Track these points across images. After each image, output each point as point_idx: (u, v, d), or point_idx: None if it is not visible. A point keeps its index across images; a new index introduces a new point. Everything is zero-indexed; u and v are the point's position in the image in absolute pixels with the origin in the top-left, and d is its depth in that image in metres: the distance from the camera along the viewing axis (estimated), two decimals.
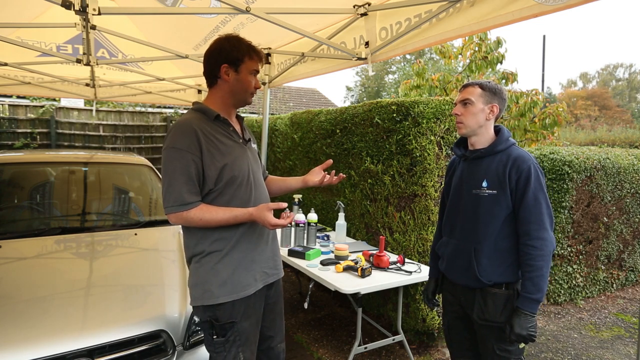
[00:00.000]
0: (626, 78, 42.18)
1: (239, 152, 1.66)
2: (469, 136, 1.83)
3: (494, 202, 1.72)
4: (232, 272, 1.61)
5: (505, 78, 6.17)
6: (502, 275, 1.73)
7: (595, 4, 40.74)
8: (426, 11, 2.29)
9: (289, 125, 4.73)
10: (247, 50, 1.64)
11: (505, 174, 1.70)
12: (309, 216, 3.05)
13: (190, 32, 3.31)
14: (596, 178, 4.19)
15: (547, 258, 1.63)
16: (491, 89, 1.78)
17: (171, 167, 1.53)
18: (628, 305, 4.30)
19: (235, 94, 1.67)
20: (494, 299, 1.73)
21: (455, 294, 1.91)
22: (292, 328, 3.49)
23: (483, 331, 1.79)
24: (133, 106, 8.89)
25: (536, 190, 1.66)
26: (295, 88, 16.67)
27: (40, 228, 2.75)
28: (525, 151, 1.76)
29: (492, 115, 1.78)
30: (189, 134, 1.54)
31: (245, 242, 1.65)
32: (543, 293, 1.63)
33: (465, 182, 1.84)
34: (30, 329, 1.67)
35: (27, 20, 3.26)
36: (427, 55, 28.28)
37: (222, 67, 1.61)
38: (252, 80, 1.67)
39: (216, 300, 1.57)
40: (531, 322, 1.62)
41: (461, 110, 1.80)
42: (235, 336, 1.61)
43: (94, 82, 4.81)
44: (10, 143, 7.33)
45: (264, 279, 1.73)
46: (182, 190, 1.52)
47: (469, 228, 1.80)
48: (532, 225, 1.65)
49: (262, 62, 1.71)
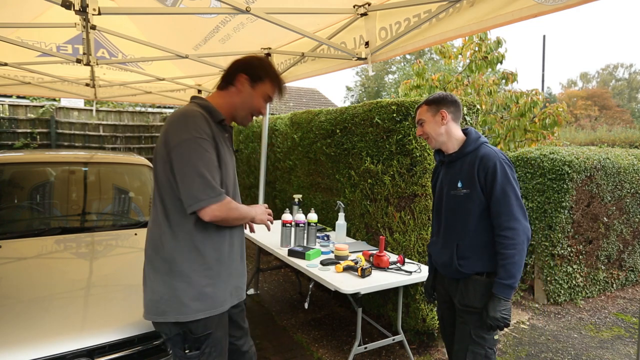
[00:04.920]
0: (626, 78, 42.18)
1: (229, 159, 1.63)
2: (439, 146, 2.00)
3: (468, 200, 1.87)
4: (213, 285, 1.54)
5: (505, 78, 6.17)
6: (483, 267, 1.86)
7: (595, 4, 40.75)
8: (425, 11, 2.29)
9: (289, 125, 4.73)
10: (272, 75, 1.64)
11: (474, 173, 1.84)
12: (309, 216, 3.05)
13: (190, 32, 3.32)
14: (596, 178, 4.19)
15: (519, 247, 1.75)
16: (434, 100, 1.98)
17: (201, 156, 1.43)
18: (628, 305, 4.30)
19: (240, 108, 1.63)
20: (474, 285, 1.87)
21: (444, 285, 2.08)
22: (292, 328, 3.49)
23: (463, 316, 1.92)
24: (133, 106, 8.89)
25: (503, 184, 1.78)
26: (295, 88, 16.68)
27: (40, 228, 2.75)
28: (493, 148, 1.89)
29: (445, 120, 1.93)
30: (205, 123, 1.49)
31: (227, 255, 1.60)
32: (515, 279, 1.76)
33: (445, 184, 2.00)
34: (30, 329, 1.67)
35: (27, 20, 3.26)
36: (427, 55, 28.27)
37: (241, 75, 1.59)
38: (262, 104, 1.65)
39: (194, 316, 1.48)
40: (504, 306, 1.75)
41: (421, 130, 2.01)
42: (211, 348, 1.54)
43: (94, 82, 4.81)
44: (10, 143, 7.33)
45: (238, 295, 1.69)
46: (216, 180, 1.46)
47: (450, 226, 1.97)
48: (502, 217, 1.78)
49: (279, 94, 1.69)
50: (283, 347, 3.16)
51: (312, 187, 4.29)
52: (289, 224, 3.03)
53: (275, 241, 3.14)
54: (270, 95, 1.65)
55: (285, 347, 3.16)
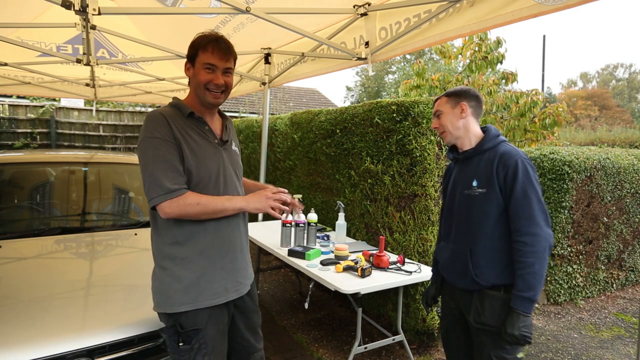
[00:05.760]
0: (626, 78, 42.19)
1: (210, 152, 1.59)
2: (454, 141, 1.86)
3: (485, 201, 1.71)
4: (197, 279, 1.54)
5: (505, 78, 6.17)
6: (499, 277, 1.69)
7: (595, 4, 40.72)
8: (425, 11, 2.29)
9: (289, 125, 4.73)
10: (201, 44, 1.55)
11: (493, 171, 1.69)
12: (309, 216, 3.05)
13: (190, 32, 3.28)
14: (596, 178, 4.19)
15: (540, 255, 1.58)
16: (455, 92, 1.84)
17: (152, 155, 1.46)
18: (628, 305, 4.30)
19: (196, 92, 1.58)
20: (491, 302, 1.69)
21: (454, 297, 1.89)
22: (292, 328, 3.49)
23: (479, 336, 1.75)
24: (133, 106, 8.89)
25: (525, 185, 1.63)
26: (295, 88, 16.68)
27: (40, 228, 2.75)
28: (514, 147, 1.75)
29: (465, 113, 1.80)
30: (163, 123, 1.50)
31: (213, 249, 1.58)
32: (536, 291, 1.57)
33: (458, 183, 1.85)
34: (30, 329, 1.67)
35: (27, 20, 3.26)
36: (427, 55, 28.27)
37: (185, 64, 1.61)
38: (206, 76, 1.54)
39: (177, 309, 1.50)
40: (524, 322, 1.57)
41: (437, 122, 1.87)
42: (200, 344, 1.53)
43: (94, 82, 4.81)
44: (10, 143, 7.34)
45: (237, 289, 1.66)
46: (167, 177, 1.45)
47: (463, 229, 1.80)
48: (522, 221, 1.62)
49: (227, 56, 1.57)
50: (283, 347, 3.16)
51: (312, 187, 4.29)
52: (289, 224, 3.04)
53: (275, 241, 3.15)
54: (207, 61, 1.54)
55: (285, 347, 3.16)
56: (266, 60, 3.92)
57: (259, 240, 3.26)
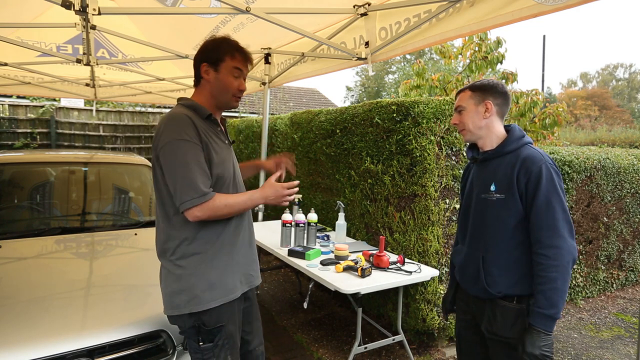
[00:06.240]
0: (626, 78, 42.21)
1: (226, 152, 1.64)
2: (474, 140, 1.75)
3: (502, 208, 1.59)
4: (220, 274, 1.56)
5: (505, 78, 6.16)
6: (513, 287, 1.59)
7: (595, 4, 40.73)
8: (425, 11, 2.30)
9: (289, 125, 4.74)
10: (228, 50, 1.58)
11: (514, 177, 1.56)
12: (309, 216, 3.05)
13: (190, 32, 3.31)
14: (596, 178, 4.19)
15: (562, 269, 1.46)
16: (481, 86, 1.69)
17: (183, 158, 1.45)
18: (628, 305, 4.30)
19: (217, 95, 1.61)
20: (503, 313, 1.60)
21: (468, 303, 1.81)
22: (292, 328, 3.49)
23: (493, 346, 1.67)
24: (133, 106, 8.88)
25: (549, 194, 1.50)
26: (295, 88, 16.67)
27: (40, 228, 2.75)
28: (540, 151, 1.61)
29: (489, 112, 1.66)
30: (190, 125, 1.49)
31: (228, 244, 1.61)
32: (558, 309, 1.46)
33: (476, 186, 1.74)
34: (30, 329, 1.67)
35: (27, 20, 3.26)
36: (427, 55, 28.27)
37: (202, 65, 1.59)
38: (234, 81, 1.60)
39: (206, 306, 1.51)
40: (545, 340, 1.45)
41: (458, 118, 1.74)
42: (224, 340, 1.56)
43: (94, 82, 4.81)
44: (10, 143, 7.33)
45: (249, 282, 1.71)
46: (199, 181, 1.45)
47: (477, 235, 1.71)
48: (544, 232, 1.50)
49: (248, 63, 1.64)
50: (283, 347, 3.16)
51: (312, 187, 4.29)
52: (289, 224, 3.04)
53: (275, 241, 3.15)
54: (237, 67, 1.59)
55: (285, 347, 3.16)
56: (266, 60, 3.92)
57: (259, 240, 3.25)
